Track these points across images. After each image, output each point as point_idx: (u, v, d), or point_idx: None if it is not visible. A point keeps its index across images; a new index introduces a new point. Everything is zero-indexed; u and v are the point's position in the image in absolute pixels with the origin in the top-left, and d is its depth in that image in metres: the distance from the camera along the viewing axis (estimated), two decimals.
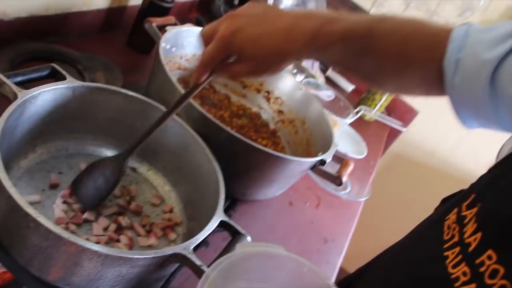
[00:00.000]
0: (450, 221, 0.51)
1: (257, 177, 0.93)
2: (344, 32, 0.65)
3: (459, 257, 0.45)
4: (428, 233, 0.56)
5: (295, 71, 1.54)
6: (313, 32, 0.65)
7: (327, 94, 1.66)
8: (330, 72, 1.96)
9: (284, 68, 0.71)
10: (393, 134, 2.06)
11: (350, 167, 1.00)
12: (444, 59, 0.64)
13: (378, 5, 1.94)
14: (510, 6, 1.81)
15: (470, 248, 0.44)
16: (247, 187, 0.95)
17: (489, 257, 0.41)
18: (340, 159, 1.03)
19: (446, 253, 0.47)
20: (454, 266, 0.45)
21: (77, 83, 0.74)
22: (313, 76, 1.62)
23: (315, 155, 0.96)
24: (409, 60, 0.68)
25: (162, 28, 1.01)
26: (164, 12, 1.21)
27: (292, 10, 0.71)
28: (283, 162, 0.89)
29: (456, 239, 0.47)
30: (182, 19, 1.10)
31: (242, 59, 0.68)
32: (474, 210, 0.48)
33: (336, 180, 0.94)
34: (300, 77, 1.54)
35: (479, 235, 0.44)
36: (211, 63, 0.70)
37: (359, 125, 1.68)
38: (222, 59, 0.69)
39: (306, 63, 1.71)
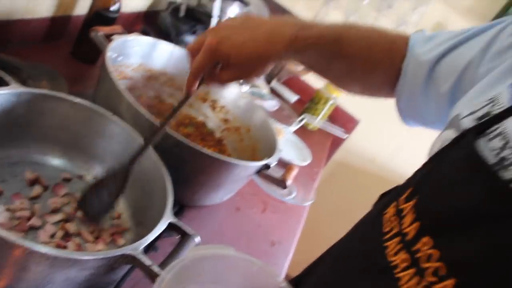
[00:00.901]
0: (388, 215, 0.55)
1: (204, 182, 0.95)
2: (318, 37, 0.74)
3: (399, 246, 0.49)
4: (368, 227, 0.60)
5: (240, 81, 1.58)
6: (291, 37, 0.73)
7: (272, 104, 1.71)
8: (274, 83, 2.01)
9: (267, 71, 0.78)
10: (336, 143, 2.14)
11: (294, 172, 1.04)
12: (401, 67, 0.74)
13: (319, 19, 2.01)
14: (439, 22, 1.94)
15: (408, 237, 0.48)
16: (195, 192, 0.97)
17: (426, 243, 0.45)
18: (285, 165, 1.07)
19: (386, 244, 0.51)
20: (394, 255, 0.49)
21: (23, 89, 0.74)
22: (257, 87, 1.66)
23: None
24: (374, 63, 0.78)
25: (108, 37, 1.02)
26: (109, 22, 1.21)
27: (269, 18, 0.77)
28: (229, 166, 0.92)
29: (395, 230, 0.51)
30: (128, 30, 1.11)
31: (228, 65, 0.75)
32: (412, 203, 0.51)
33: (281, 183, 0.98)
34: (245, 88, 1.58)
35: (417, 224, 0.48)
36: (200, 71, 0.75)
37: (304, 133, 1.74)
38: (210, 67, 0.75)
39: None
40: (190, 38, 1.58)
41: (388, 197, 0.60)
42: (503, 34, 0.63)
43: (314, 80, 2.11)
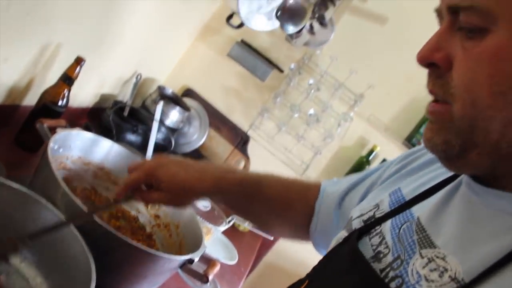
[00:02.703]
0: None
1: (129, 272, 0.99)
2: (241, 179, 0.90)
3: None
4: None
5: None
6: (218, 177, 0.88)
7: (204, 204, 1.78)
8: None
9: (191, 203, 0.93)
10: (267, 245, 2.21)
11: (217, 268, 1.10)
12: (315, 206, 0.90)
13: (254, 127, 2.18)
14: (362, 136, 2.16)
15: None
16: (119, 283, 1.01)
17: None
18: (209, 261, 1.13)
19: None
20: None
21: None
22: None
23: None
24: (291, 203, 0.93)
25: (53, 129, 1.09)
26: (56, 115, 1.29)
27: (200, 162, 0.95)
28: (154, 258, 0.97)
29: None
30: (73, 124, 1.19)
31: (159, 189, 0.87)
32: None
33: (203, 278, 1.04)
34: None
35: None
36: (132, 185, 0.88)
37: (234, 235, 1.81)
38: (141, 184, 0.88)
39: None
40: (131, 137, 1.68)
41: (296, 283, 0.71)
42: (390, 167, 0.81)
43: None
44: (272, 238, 1.94)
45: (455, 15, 0.50)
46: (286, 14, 1.52)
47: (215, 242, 1.60)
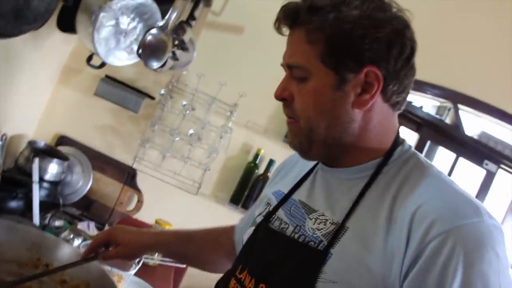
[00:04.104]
0: (231, 285, 0.88)
1: None
2: (175, 231, 1.27)
3: None
4: None
5: (71, 236, 1.59)
6: (157, 233, 1.24)
7: None
8: (107, 228, 2.04)
9: (140, 256, 1.21)
10: (180, 271, 2.20)
11: None
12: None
13: (139, 159, 2.16)
14: (245, 143, 2.24)
15: None
16: None
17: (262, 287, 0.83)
18: None
19: None
20: None
21: None
22: (90, 238, 1.68)
23: None
24: (218, 238, 1.20)
25: None
26: None
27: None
28: None
29: None
30: None
31: (116, 246, 1.12)
32: (246, 271, 0.87)
33: None
34: (77, 241, 1.59)
35: (253, 280, 0.85)
36: (97, 244, 1.12)
37: (146, 272, 1.77)
38: (102, 244, 1.12)
39: (82, 225, 1.77)
40: (12, 204, 1.57)
41: (224, 277, 0.95)
42: (271, 179, 1.14)
43: (147, 217, 2.19)
44: (184, 266, 1.93)
45: (291, 69, 0.85)
46: (147, 51, 1.53)
47: (130, 286, 1.57)
